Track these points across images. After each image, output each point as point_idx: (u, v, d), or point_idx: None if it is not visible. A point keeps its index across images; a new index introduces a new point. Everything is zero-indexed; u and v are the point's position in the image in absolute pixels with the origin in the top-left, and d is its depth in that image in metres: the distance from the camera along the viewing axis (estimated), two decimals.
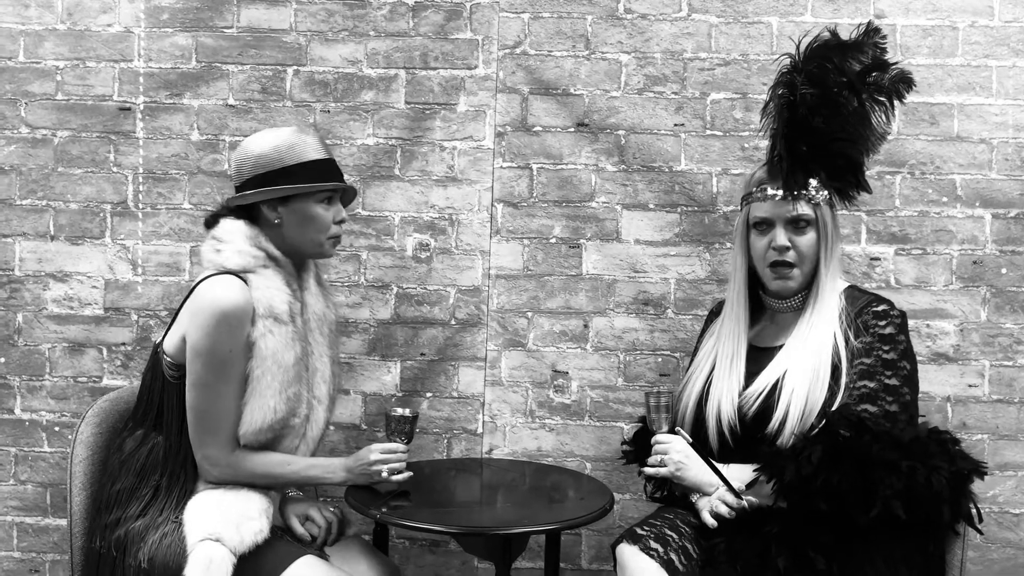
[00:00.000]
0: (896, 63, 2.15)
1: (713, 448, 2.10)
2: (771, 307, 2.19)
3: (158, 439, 2.07)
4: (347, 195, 2.24)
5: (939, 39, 2.69)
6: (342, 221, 2.17)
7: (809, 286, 2.12)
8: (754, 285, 2.21)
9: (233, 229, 2.09)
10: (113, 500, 2.06)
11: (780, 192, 2.10)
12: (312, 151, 2.13)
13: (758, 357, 2.13)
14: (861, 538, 1.87)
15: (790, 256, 2.09)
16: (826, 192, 2.10)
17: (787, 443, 1.96)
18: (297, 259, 2.17)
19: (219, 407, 2.02)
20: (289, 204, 2.11)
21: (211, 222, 2.15)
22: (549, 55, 2.75)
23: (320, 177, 2.11)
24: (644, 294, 2.76)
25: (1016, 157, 2.68)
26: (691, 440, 2.07)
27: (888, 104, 2.13)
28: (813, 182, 2.09)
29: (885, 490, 1.82)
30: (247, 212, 2.12)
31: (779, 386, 2.02)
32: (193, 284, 2.09)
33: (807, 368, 2.01)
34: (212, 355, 2.00)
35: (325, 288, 2.30)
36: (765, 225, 2.12)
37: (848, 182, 2.13)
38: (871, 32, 2.14)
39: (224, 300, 1.99)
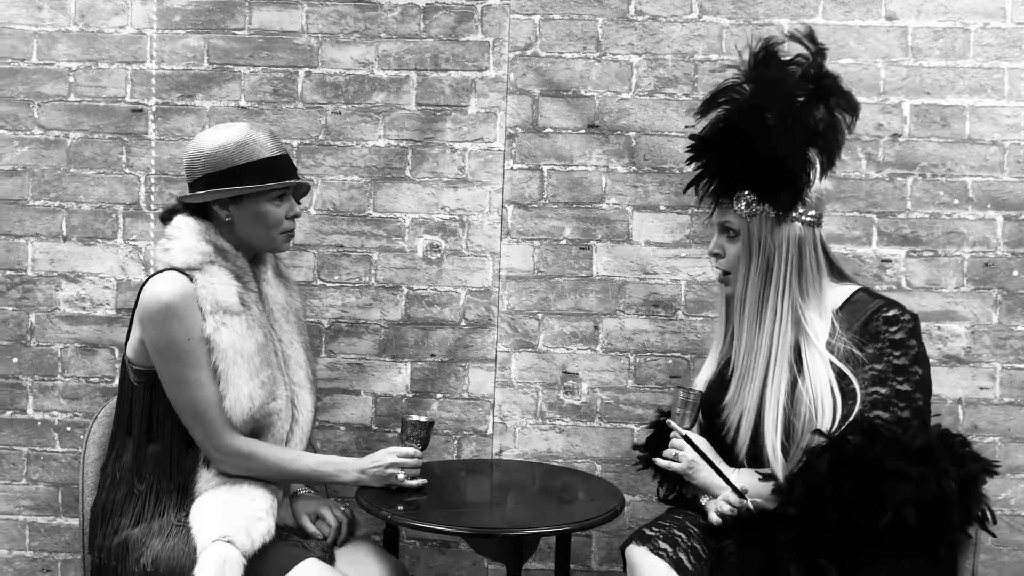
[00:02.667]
0: (829, 74, 2.05)
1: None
2: None
3: (146, 447, 2.09)
4: (301, 189, 2.25)
5: (951, 41, 2.69)
6: (295, 216, 2.19)
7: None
8: None
9: (183, 225, 2.12)
10: (108, 510, 2.08)
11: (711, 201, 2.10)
12: (262, 149, 2.13)
13: None
14: (871, 544, 1.86)
15: (722, 264, 2.12)
16: (757, 205, 2.03)
17: (772, 458, 1.97)
18: (250, 252, 2.18)
19: (201, 396, 2.03)
20: (239, 203, 2.12)
21: (166, 217, 2.18)
22: (560, 57, 2.75)
23: (269, 176, 2.12)
24: (655, 296, 2.76)
25: None
26: (696, 445, 2.06)
27: (850, 108, 2.05)
28: (746, 194, 2.03)
29: (896, 497, 1.81)
30: (199, 209, 2.14)
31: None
32: (140, 286, 2.11)
33: (750, 391, 2.02)
34: (173, 349, 2.01)
35: (286, 278, 2.33)
36: (714, 231, 2.15)
37: (783, 196, 2.02)
38: (811, 37, 2.06)
39: (165, 293, 2.01)
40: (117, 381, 2.70)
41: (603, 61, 2.75)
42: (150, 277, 2.08)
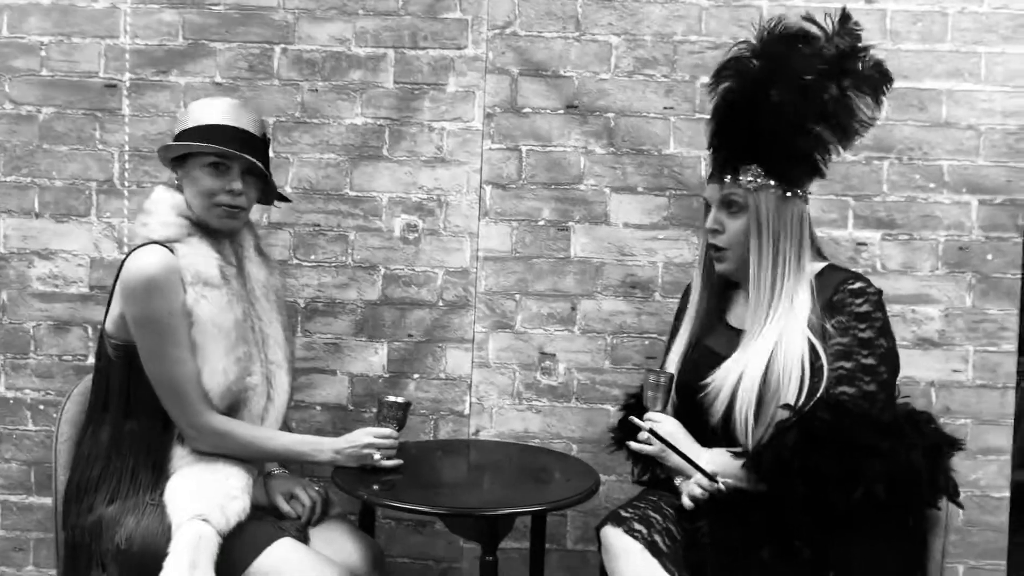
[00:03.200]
0: (872, 48, 2.10)
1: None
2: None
3: (124, 423, 2.07)
4: (255, 172, 2.13)
5: (929, 24, 2.69)
6: (232, 191, 2.09)
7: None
8: None
9: (159, 199, 2.11)
10: (83, 488, 2.06)
11: (715, 175, 2.11)
12: (212, 116, 2.09)
13: (729, 336, 2.14)
14: (843, 523, 1.87)
15: (720, 240, 2.09)
16: (763, 179, 2.04)
17: (743, 430, 1.97)
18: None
19: (180, 372, 2.01)
20: (183, 165, 2.11)
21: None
22: (539, 36, 2.74)
23: (201, 139, 2.07)
24: (632, 277, 2.76)
25: (1003, 144, 2.69)
26: (662, 436, 2.04)
27: (872, 92, 2.07)
28: (754, 168, 2.04)
29: (868, 473, 1.83)
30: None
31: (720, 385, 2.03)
32: (122, 260, 2.09)
33: (767, 370, 2.01)
34: (154, 323, 2.00)
35: (267, 257, 2.31)
36: (707, 207, 2.14)
37: (793, 171, 2.05)
38: (844, 19, 2.09)
39: (148, 267, 1.99)
40: (92, 357, 2.69)
41: (582, 41, 2.74)
42: (133, 250, 2.06)
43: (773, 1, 2.70)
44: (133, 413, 2.07)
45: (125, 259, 2.06)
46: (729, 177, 2.06)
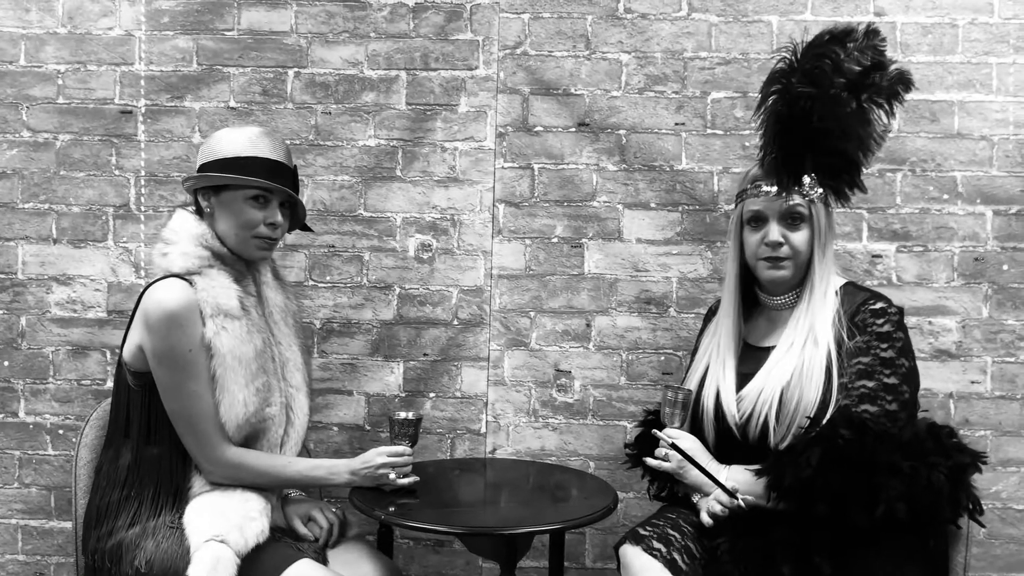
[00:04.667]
0: (895, 63, 2.09)
1: (710, 444, 2.11)
2: (766, 304, 2.19)
3: (145, 449, 2.08)
4: (294, 206, 2.20)
5: (939, 36, 2.69)
6: (273, 223, 2.12)
7: (803, 282, 2.11)
8: (750, 282, 2.21)
9: (180, 228, 2.10)
10: (103, 512, 2.07)
11: (774, 188, 2.09)
12: (252, 148, 2.11)
13: (754, 356, 2.13)
14: (863, 539, 1.87)
15: (783, 251, 2.09)
16: (820, 189, 2.08)
17: (780, 442, 1.97)
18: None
19: (198, 408, 2.02)
20: (220, 195, 2.11)
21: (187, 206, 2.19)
22: (550, 55, 2.75)
23: (247, 173, 2.09)
24: (646, 293, 2.76)
25: (1017, 154, 2.68)
26: (683, 450, 2.05)
27: (887, 105, 2.10)
28: (807, 179, 2.07)
29: (888, 492, 1.82)
30: (199, 205, 2.15)
31: (764, 388, 2.03)
32: (141, 291, 2.09)
33: (794, 368, 2.01)
34: (173, 358, 2.00)
35: (283, 280, 2.32)
36: (758, 220, 2.12)
37: (843, 180, 2.09)
38: (870, 34, 2.11)
39: (169, 302, 2.00)
40: (111, 383, 2.71)
41: (593, 59, 2.75)
42: (152, 283, 2.07)
43: (783, 16, 2.70)
44: (154, 439, 2.08)
45: (144, 291, 2.07)
46: (794, 189, 2.08)
